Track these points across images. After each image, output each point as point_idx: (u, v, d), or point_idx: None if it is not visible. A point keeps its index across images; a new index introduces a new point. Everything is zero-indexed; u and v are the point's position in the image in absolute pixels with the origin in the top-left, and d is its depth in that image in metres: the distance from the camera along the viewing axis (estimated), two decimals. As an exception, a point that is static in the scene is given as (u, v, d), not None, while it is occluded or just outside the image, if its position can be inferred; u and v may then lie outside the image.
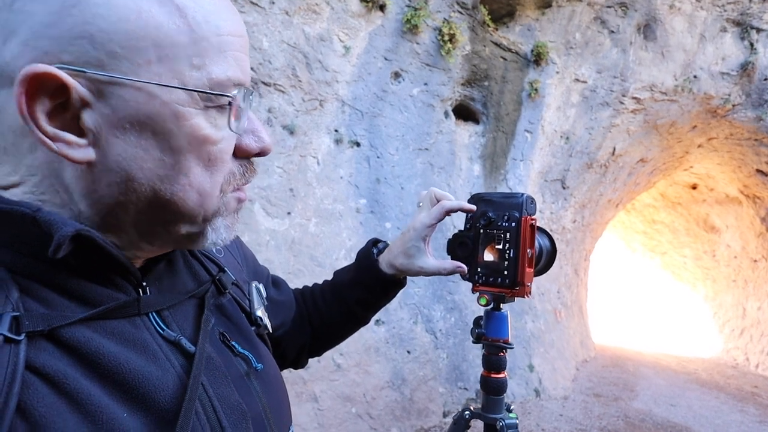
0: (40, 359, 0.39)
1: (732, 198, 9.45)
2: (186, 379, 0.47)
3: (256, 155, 0.51)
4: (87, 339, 0.42)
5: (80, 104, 0.40)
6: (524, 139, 5.85)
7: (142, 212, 0.45)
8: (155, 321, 0.49)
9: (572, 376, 6.58)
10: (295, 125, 4.05)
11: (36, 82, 0.38)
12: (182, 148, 0.44)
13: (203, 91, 0.43)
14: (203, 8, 0.43)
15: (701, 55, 6.68)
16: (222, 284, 0.60)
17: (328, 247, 4.15)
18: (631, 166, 7.68)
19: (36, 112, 0.39)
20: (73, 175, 0.42)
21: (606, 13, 6.04)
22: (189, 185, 0.45)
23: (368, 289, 0.84)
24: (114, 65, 0.39)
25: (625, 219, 11.82)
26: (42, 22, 0.38)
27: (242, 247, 0.79)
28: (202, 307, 0.55)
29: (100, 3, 0.38)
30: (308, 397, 3.66)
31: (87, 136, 0.41)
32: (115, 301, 0.45)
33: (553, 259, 0.95)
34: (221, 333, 0.56)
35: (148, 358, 0.45)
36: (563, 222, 7.00)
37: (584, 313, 8.85)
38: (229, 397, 0.50)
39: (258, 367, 0.57)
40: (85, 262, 0.43)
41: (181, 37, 0.42)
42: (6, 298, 0.39)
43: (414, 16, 4.51)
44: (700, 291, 11.37)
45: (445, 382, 4.62)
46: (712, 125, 7.44)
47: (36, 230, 0.40)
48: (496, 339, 0.85)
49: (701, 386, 7.15)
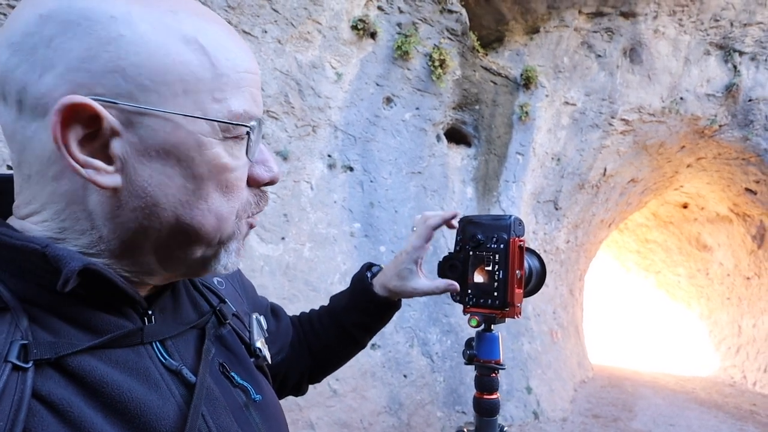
0: (46, 387, 0.40)
1: (723, 216, 9.55)
2: (186, 409, 0.47)
3: (266, 184, 0.53)
4: (92, 367, 0.43)
5: (110, 133, 0.43)
6: (516, 162, 5.92)
7: (162, 236, 0.47)
8: (158, 350, 0.50)
9: (570, 398, 6.51)
10: (289, 151, 4.09)
11: (71, 112, 0.40)
12: (203, 176, 0.46)
13: (224, 122, 0.46)
14: (224, 48, 0.46)
15: (687, 78, 6.85)
16: (223, 315, 0.62)
17: (322, 272, 4.14)
18: (622, 186, 7.77)
19: (69, 140, 0.41)
20: (98, 201, 0.44)
21: (592, 37, 6.21)
22: (208, 210, 0.48)
23: (364, 312, 0.87)
24: (143, 97, 0.42)
25: (618, 238, 11.88)
26: (78, 57, 0.41)
27: (242, 279, 0.80)
28: (203, 337, 0.56)
29: (133, 41, 0.42)
30: (304, 424, 3.60)
31: (115, 163, 0.43)
32: (120, 330, 0.46)
33: (543, 279, 0.95)
34: (221, 363, 0.57)
35: (150, 387, 0.46)
36: (557, 242, 7.03)
37: (580, 333, 8.81)
38: (229, 427, 0.51)
39: (257, 398, 0.58)
40: (93, 291, 0.45)
41: (205, 73, 0.45)
42: (16, 326, 0.40)
43: (405, 43, 4.62)
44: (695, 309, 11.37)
45: (443, 406, 4.56)
46: (701, 145, 7.58)
47: (45, 264, 0.42)
48: (487, 360, 0.85)
49: (700, 405, 7.09)
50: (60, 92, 0.41)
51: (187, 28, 0.44)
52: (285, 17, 4.02)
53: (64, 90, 0.41)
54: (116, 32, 0.41)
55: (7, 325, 0.40)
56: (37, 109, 0.42)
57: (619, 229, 11.01)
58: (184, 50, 0.44)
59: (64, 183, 0.43)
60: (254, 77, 0.49)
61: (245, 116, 0.47)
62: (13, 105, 0.42)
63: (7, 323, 0.40)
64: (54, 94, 0.41)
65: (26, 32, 0.41)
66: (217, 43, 0.46)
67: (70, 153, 0.41)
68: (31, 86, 0.41)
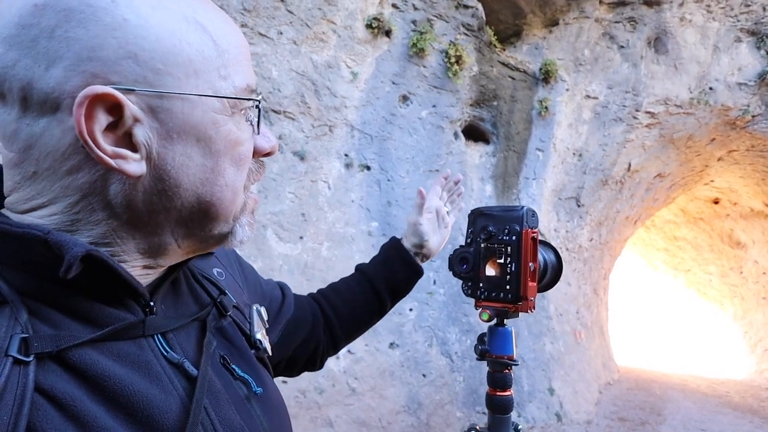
0: (48, 381, 0.40)
1: (757, 212, 9.22)
2: (188, 402, 0.47)
3: (266, 155, 0.55)
4: (93, 361, 0.42)
5: (132, 121, 0.42)
6: (536, 158, 5.82)
7: (183, 216, 0.48)
8: (160, 343, 0.50)
9: (595, 400, 6.36)
10: (306, 151, 4.09)
11: (93, 103, 0.40)
12: (220, 152, 0.47)
13: (236, 98, 0.47)
14: (219, 25, 0.47)
15: (716, 67, 6.62)
16: (223, 307, 0.61)
17: (340, 271, 4.14)
18: (648, 181, 7.57)
19: (95, 132, 0.41)
20: (119, 190, 0.44)
21: (614, 28, 6.06)
22: (225, 185, 0.49)
23: (395, 272, 0.96)
24: (159, 81, 0.42)
25: (645, 236, 11.60)
26: (86, 46, 0.40)
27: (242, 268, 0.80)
28: (204, 330, 0.56)
29: (138, 25, 0.41)
30: (323, 422, 3.59)
31: (140, 150, 0.43)
32: (121, 322, 0.46)
33: (559, 274, 0.93)
34: (222, 356, 0.57)
35: (152, 380, 0.46)
36: (579, 240, 6.89)
37: (605, 334, 8.62)
38: (232, 420, 0.51)
39: (258, 390, 0.57)
40: (95, 281, 0.45)
41: (210, 51, 0.46)
42: (15, 320, 0.40)
43: (420, 40, 4.58)
44: (728, 309, 11.01)
45: (462, 406, 4.50)
46: (732, 137, 7.32)
47: (47, 252, 0.41)
48: (500, 355, 0.83)
49: (734, 410, 6.84)
50: (72, 84, 0.40)
51: (184, 7, 0.45)
52: (300, 18, 4.03)
53: (77, 82, 0.40)
54: (120, 17, 0.40)
55: (7, 318, 0.40)
56: (47, 105, 0.41)
57: (646, 226, 10.73)
58: (188, 30, 0.44)
59: (81, 175, 0.43)
60: (247, 50, 0.51)
61: (248, 89, 0.49)
62: (15, 103, 0.41)
63: (6, 317, 0.40)
64: (65, 87, 0.40)
65: (22, 24, 0.39)
66: (213, 22, 0.47)
67: (98, 145, 0.41)
68: (38, 81, 0.40)
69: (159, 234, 0.48)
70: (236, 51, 0.48)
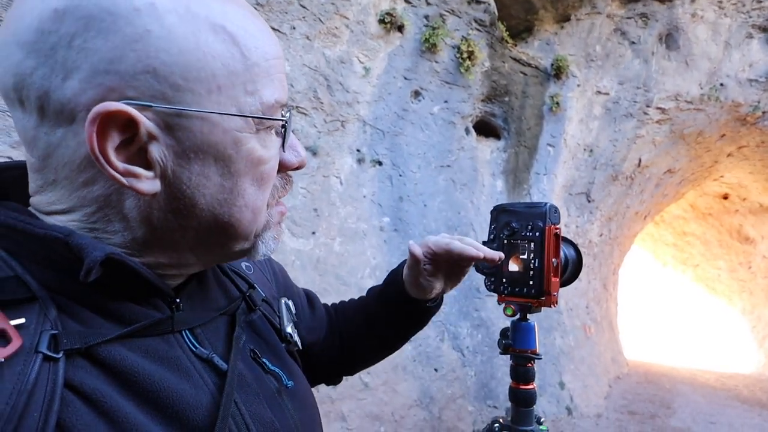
0: (78, 377, 0.40)
1: (766, 207, 9.15)
2: (219, 397, 0.47)
3: (295, 169, 0.52)
4: (122, 357, 0.42)
5: (147, 138, 0.41)
6: (547, 153, 5.81)
7: (201, 235, 0.46)
8: (188, 339, 0.49)
9: (605, 393, 6.38)
10: (318, 146, 4.13)
11: (106, 120, 0.38)
12: (240, 172, 0.45)
13: (261, 117, 0.45)
14: (252, 35, 0.44)
15: (727, 63, 6.55)
16: (252, 301, 0.61)
17: (353, 266, 4.18)
18: (658, 177, 7.53)
19: (107, 149, 0.39)
20: (134, 206, 0.43)
21: (626, 24, 6.01)
22: (245, 206, 0.47)
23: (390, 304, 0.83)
24: (178, 97, 0.40)
25: (654, 231, 11.53)
26: (104, 58, 0.38)
27: (272, 263, 0.80)
28: (233, 324, 0.55)
29: (161, 36, 0.39)
30: (336, 416, 3.65)
31: (154, 168, 0.42)
32: (149, 319, 0.46)
33: (579, 269, 0.94)
34: (252, 350, 0.56)
35: (181, 375, 0.46)
36: (590, 236, 6.88)
37: (615, 328, 8.61)
38: (262, 414, 0.51)
39: (288, 384, 0.57)
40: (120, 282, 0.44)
41: (237, 65, 0.43)
42: (45, 316, 0.40)
43: (432, 35, 4.58)
44: (736, 304, 10.94)
45: (474, 401, 4.54)
46: (742, 133, 7.25)
47: (69, 254, 0.41)
48: (523, 350, 0.85)
49: (742, 403, 6.83)
50: (87, 97, 0.38)
51: (214, 15, 0.42)
52: (313, 13, 4.05)
53: (92, 95, 0.38)
54: (143, 27, 0.38)
55: (36, 315, 0.39)
56: (63, 115, 0.39)
57: (655, 221, 10.67)
58: (214, 41, 0.41)
59: (97, 188, 0.42)
60: (281, 62, 0.48)
61: (276, 105, 0.46)
62: (33, 111, 0.40)
63: (35, 313, 0.39)
64: (81, 99, 0.39)
65: (41, 29, 0.38)
66: (245, 30, 0.44)
67: (109, 162, 0.40)
68: (54, 92, 0.39)
69: (177, 250, 0.47)
70: (267, 64, 0.45)
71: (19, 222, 0.42)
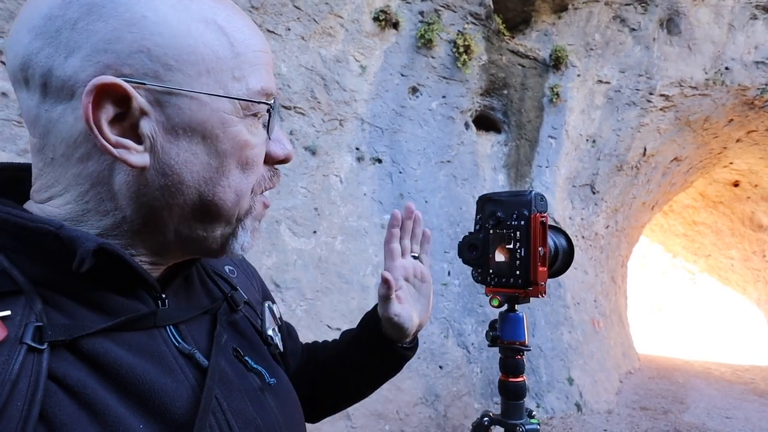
0: (62, 369, 0.41)
1: (779, 194, 9.00)
2: (200, 392, 0.48)
3: (281, 162, 0.55)
4: (106, 350, 0.43)
5: (139, 113, 0.43)
6: (548, 146, 5.75)
7: (185, 214, 0.48)
8: (172, 334, 0.50)
9: (616, 389, 6.30)
10: (317, 146, 4.11)
11: (102, 93, 0.41)
12: (226, 152, 0.48)
13: (246, 100, 0.48)
14: (239, 29, 0.48)
15: (731, 46, 6.45)
16: (234, 302, 0.63)
17: (354, 264, 4.16)
18: (664, 166, 7.43)
19: (101, 120, 0.42)
20: (124, 181, 0.45)
21: (625, 11, 5.94)
22: (228, 186, 0.49)
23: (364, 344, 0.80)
24: (169, 77, 0.43)
25: (663, 222, 11.40)
26: (103, 39, 0.41)
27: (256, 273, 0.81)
28: (216, 323, 0.57)
29: (156, 22, 0.43)
30: (341, 415, 3.62)
31: (144, 143, 0.44)
32: (134, 313, 0.47)
33: (571, 259, 0.92)
34: (234, 348, 0.57)
35: (164, 369, 0.47)
36: (595, 228, 6.80)
37: (624, 322, 8.52)
38: (244, 411, 0.51)
39: (271, 381, 0.58)
40: (108, 273, 0.45)
41: (225, 52, 0.46)
42: (30, 308, 0.41)
43: (428, 31, 4.55)
44: (751, 294, 10.80)
45: (480, 398, 4.50)
46: (751, 117, 7.14)
47: (60, 245, 0.42)
48: (512, 341, 0.83)
49: (759, 397, 6.72)
50: (87, 74, 0.41)
51: (205, 10, 0.46)
52: (307, 14, 4.03)
53: (91, 71, 0.41)
54: (140, 13, 0.42)
55: (22, 307, 0.41)
56: (63, 92, 0.42)
57: (664, 211, 10.55)
58: (204, 30, 0.45)
59: (91, 164, 0.44)
60: (267, 56, 0.51)
61: (262, 93, 0.49)
62: (36, 89, 0.43)
63: (21, 306, 0.41)
64: (80, 76, 0.41)
65: (48, 15, 0.42)
66: (233, 25, 0.48)
67: (102, 133, 0.42)
68: (57, 69, 0.42)
69: (162, 231, 0.49)
70: (253, 55, 0.48)
71: (11, 216, 0.43)
